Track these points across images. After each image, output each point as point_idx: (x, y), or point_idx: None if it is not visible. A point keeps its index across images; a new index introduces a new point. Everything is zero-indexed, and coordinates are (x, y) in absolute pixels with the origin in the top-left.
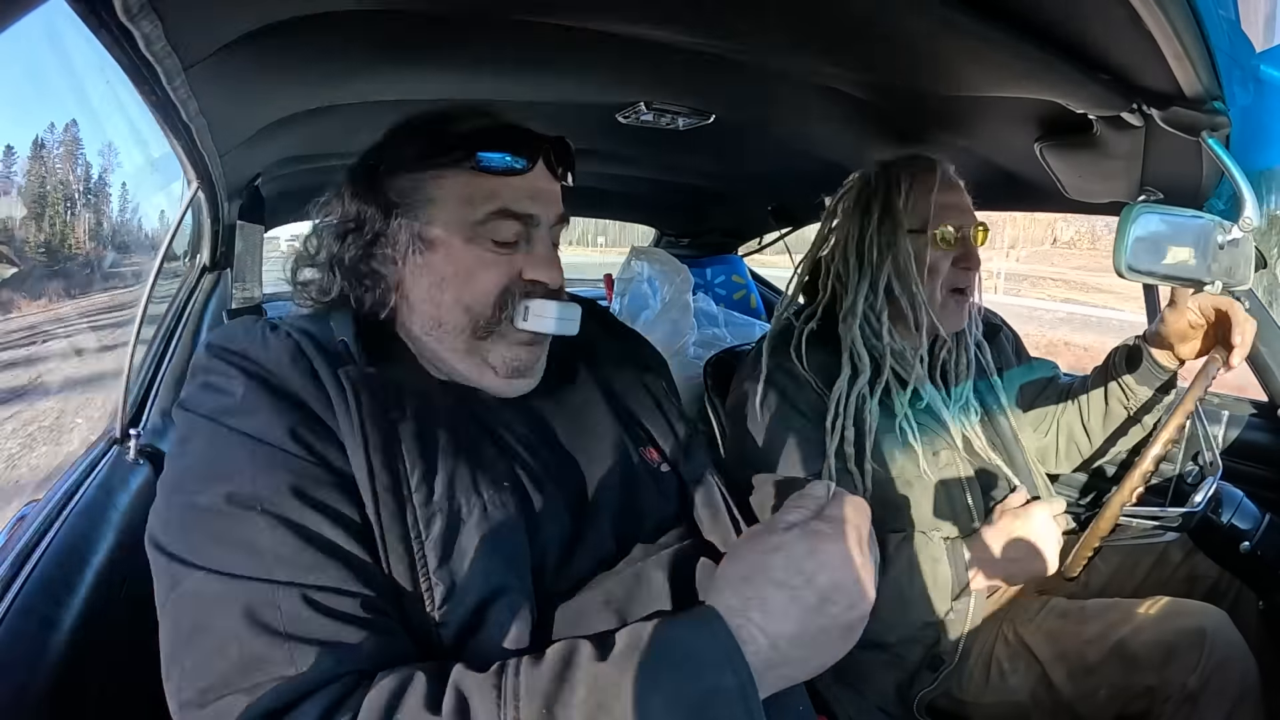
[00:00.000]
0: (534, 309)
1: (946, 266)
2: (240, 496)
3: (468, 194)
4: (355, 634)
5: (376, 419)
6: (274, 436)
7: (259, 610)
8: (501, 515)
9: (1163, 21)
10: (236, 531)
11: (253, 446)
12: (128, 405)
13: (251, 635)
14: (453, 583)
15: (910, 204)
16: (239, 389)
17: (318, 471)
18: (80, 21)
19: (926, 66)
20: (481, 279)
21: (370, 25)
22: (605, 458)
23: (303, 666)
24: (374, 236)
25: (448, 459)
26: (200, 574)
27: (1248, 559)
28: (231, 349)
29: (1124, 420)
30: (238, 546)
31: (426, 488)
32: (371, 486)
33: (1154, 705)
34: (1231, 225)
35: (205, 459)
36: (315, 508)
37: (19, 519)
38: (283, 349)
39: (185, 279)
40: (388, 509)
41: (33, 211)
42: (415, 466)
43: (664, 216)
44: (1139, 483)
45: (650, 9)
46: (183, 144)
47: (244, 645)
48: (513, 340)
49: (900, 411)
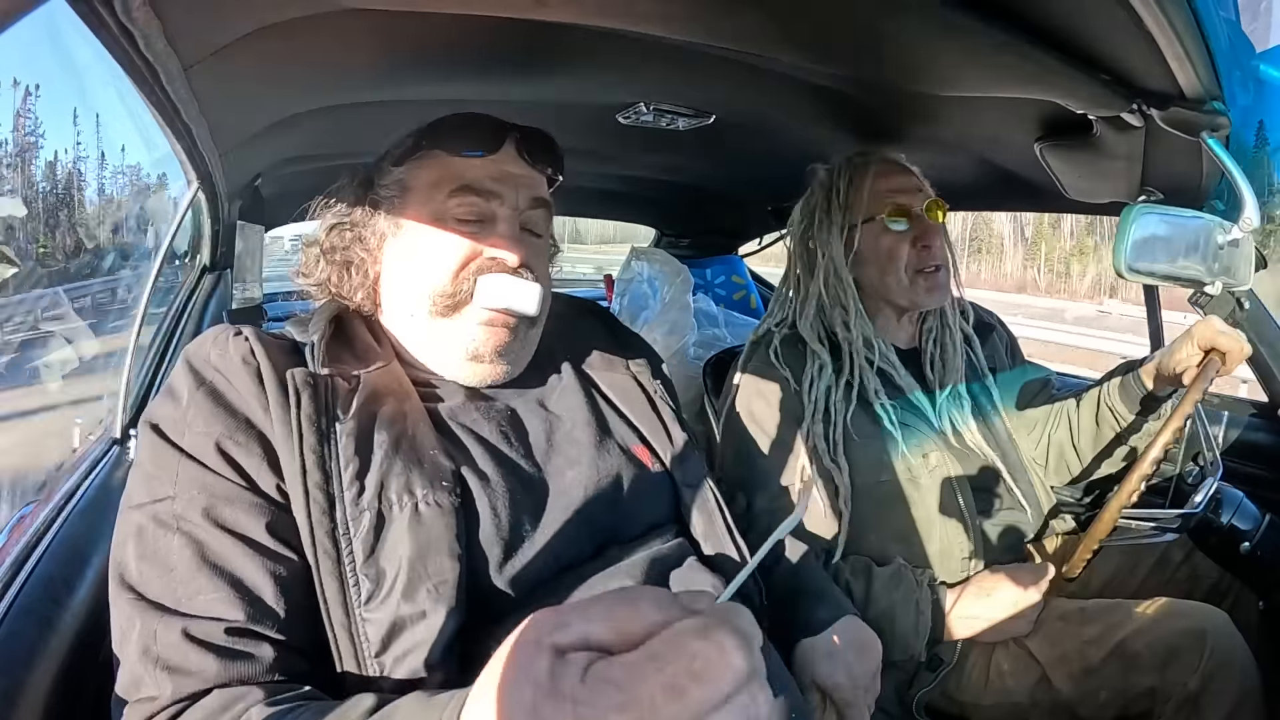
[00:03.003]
0: (487, 283)
1: (906, 249)
2: (161, 516)
3: (436, 178)
4: (216, 660)
5: (313, 419)
6: (201, 452)
7: (145, 639)
8: (433, 515)
9: (1163, 22)
10: (155, 548)
11: (180, 463)
12: (127, 406)
13: (137, 658)
14: (378, 578)
15: (852, 197)
16: (185, 399)
17: (236, 490)
18: (80, 21)
19: (927, 67)
20: (443, 255)
21: (370, 25)
22: (585, 459)
23: (164, 689)
24: (357, 228)
25: (385, 458)
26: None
27: (1248, 559)
28: (197, 355)
29: (1115, 444)
30: (155, 564)
31: (358, 485)
32: (303, 484)
33: (1155, 706)
34: (1231, 225)
35: (144, 473)
36: (225, 529)
37: (19, 519)
38: (237, 354)
39: (185, 279)
40: (318, 506)
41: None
42: (349, 465)
43: (664, 216)
44: (1138, 484)
45: (651, 9)
46: (183, 144)
47: (132, 668)
48: (471, 320)
49: (876, 400)
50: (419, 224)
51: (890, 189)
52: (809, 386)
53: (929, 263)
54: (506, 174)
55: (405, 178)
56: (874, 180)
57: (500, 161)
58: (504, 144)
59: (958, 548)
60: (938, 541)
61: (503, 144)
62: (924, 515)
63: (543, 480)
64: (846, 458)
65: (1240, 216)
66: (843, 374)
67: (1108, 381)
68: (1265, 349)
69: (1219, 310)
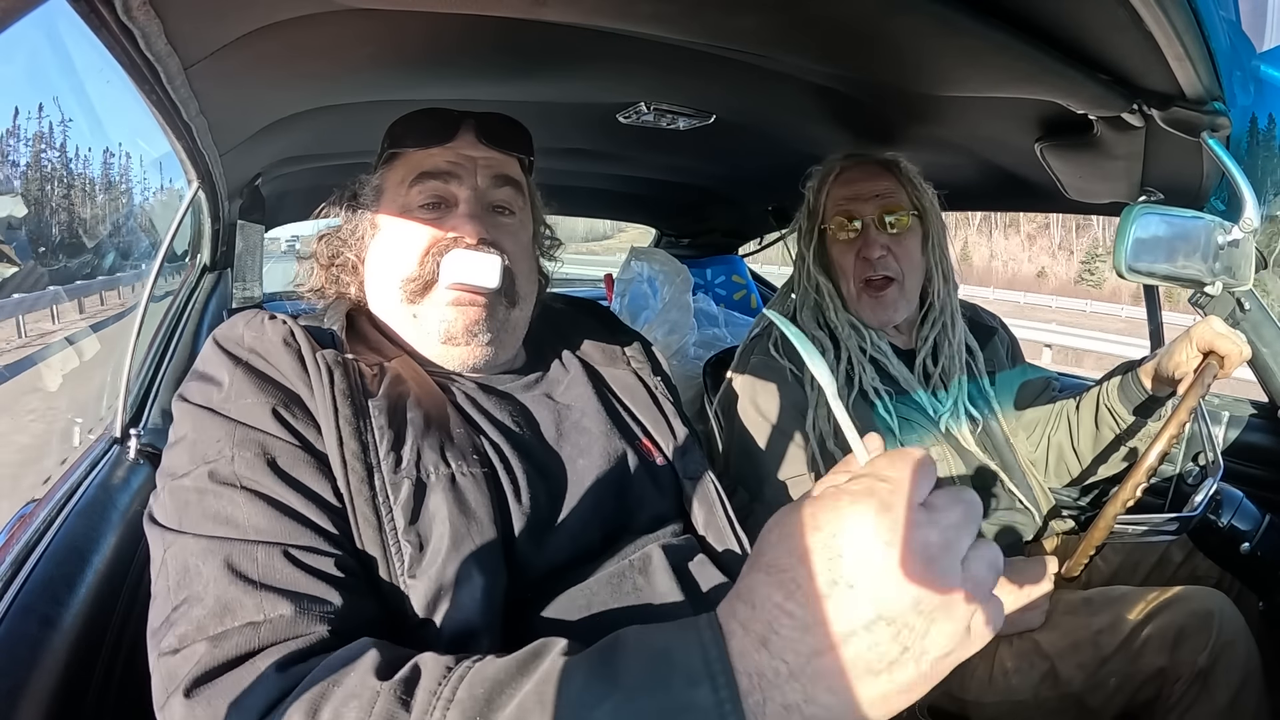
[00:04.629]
0: (448, 260)
1: (851, 260)
2: (221, 475)
3: (402, 175)
4: (324, 590)
5: (347, 395)
6: (255, 418)
7: (237, 562)
8: (470, 484)
9: (1163, 22)
10: (217, 506)
11: (234, 428)
12: (128, 405)
13: (227, 583)
14: (420, 544)
15: (815, 202)
16: (226, 378)
17: (294, 449)
18: (80, 21)
19: (927, 67)
20: (410, 242)
21: (370, 25)
22: (594, 451)
23: (270, 615)
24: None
25: (416, 432)
26: (186, 538)
27: (1248, 559)
28: (229, 338)
29: (1115, 445)
30: (218, 519)
31: (394, 455)
32: (341, 455)
33: (1164, 688)
34: (1231, 226)
35: (192, 443)
36: (289, 483)
37: (20, 518)
38: (277, 335)
39: (185, 278)
40: (356, 475)
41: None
42: (384, 437)
43: (664, 216)
44: (1138, 484)
45: (650, 9)
46: (183, 144)
47: (220, 592)
48: (440, 301)
49: (875, 396)
50: (390, 218)
51: (846, 195)
52: (808, 374)
53: (868, 274)
54: (464, 157)
55: (379, 181)
56: (836, 185)
57: (457, 147)
58: (459, 130)
59: None
60: None
61: (458, 131)
62: None
63: (555, 466)
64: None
65: (1240, 216)
66: (841, 362)
67: (1107, 382)
68: (1265, 349)
69: (1219, 311)
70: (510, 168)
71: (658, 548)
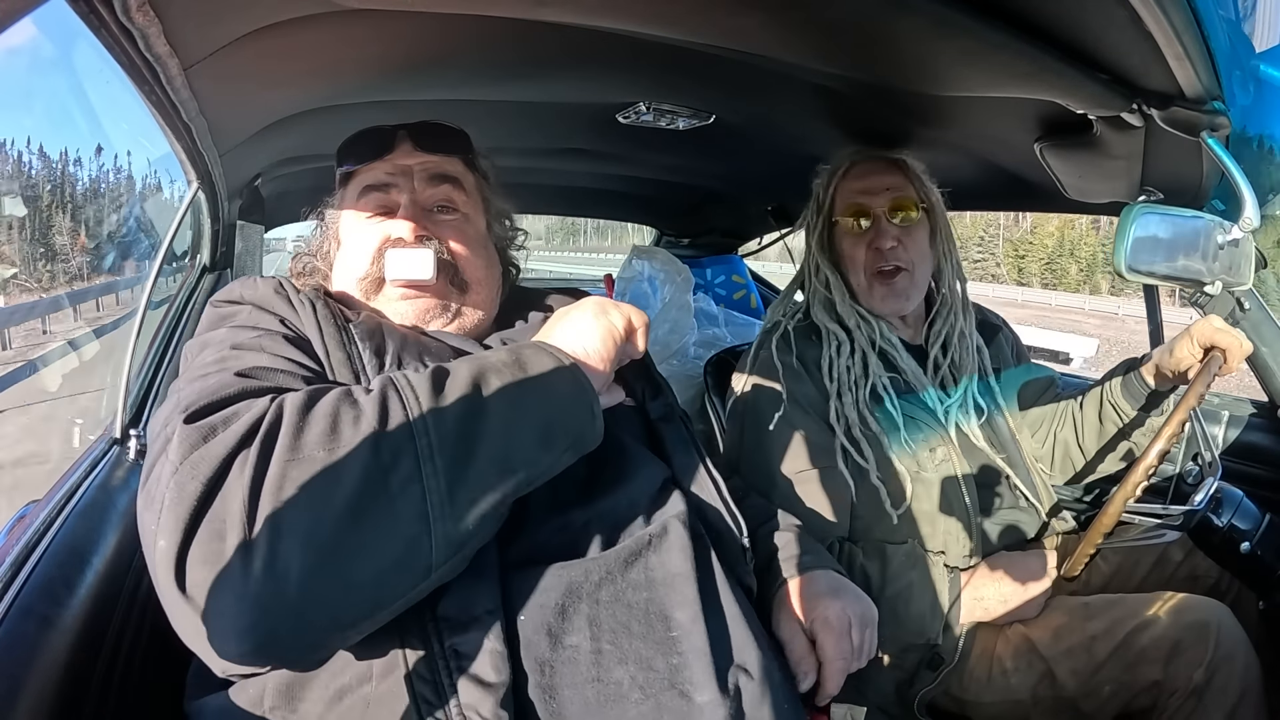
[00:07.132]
0: (388, 258)
1: (863, 251)
2: (243, 343)
3: (355, 191)
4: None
5: (330, 319)
6: (270, 325)
7: (242, 366)
8: None
9: (1163, 22)
10: (238, 357)
11: (253, 330)
12: (127, 405)
13: (228, 376)
14: None
15: (825, 197)
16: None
17: (303, 345)
18: (80, 21)
19: (926, 67)
20: (361, 246)
21: (369, 26)
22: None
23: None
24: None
25: (395, 344)
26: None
27: (1247, 559)
28: (226, 296)
29: (1119, 440)
30: (236, 363)
31: (377, 361)
32: (328, 362)
33: (1159, 700)
34: (1231, 225)
35: (213, 342)
36: (303, 351)
37: (19, 519)
38: (268, 287)
39: (185, 279)
40: (343, 379)
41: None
42: (365, 348)
43: (664, 216)
44: (1139, 483)
45: (650, 9)
46: (183, 144)
47: (222, 380)
48: (393, 296)
49: (884, 393)
50: (347, 229)
51: (857, 189)
52: (829, 365)
53: (880, 264)
54: (400, 167)
55: (339, 200)
56: (847, 180)
57: (395, 158)
58: (396, 142)
59: (958, 545)
60: (939, 537)
61: (394, 143)
62: (927, 510)
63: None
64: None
65: (1240, 216)
66: (856, 355)
67: (1109, 380)
68: (1265, 349)
69: (1219, 310)
70: (445, 167)
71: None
